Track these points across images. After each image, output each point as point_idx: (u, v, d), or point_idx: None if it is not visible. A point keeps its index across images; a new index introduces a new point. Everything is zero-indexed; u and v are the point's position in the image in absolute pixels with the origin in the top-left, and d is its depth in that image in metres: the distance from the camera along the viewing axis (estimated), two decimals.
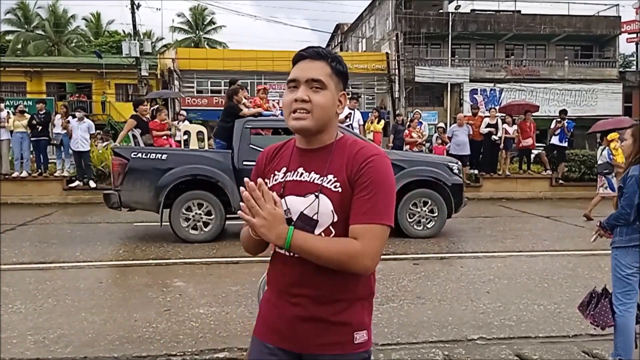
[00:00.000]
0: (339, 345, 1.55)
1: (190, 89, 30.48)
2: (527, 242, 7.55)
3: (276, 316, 1.61)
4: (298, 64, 1.57)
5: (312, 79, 1.53)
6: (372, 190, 1.48)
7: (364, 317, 1.59)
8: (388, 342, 3.87)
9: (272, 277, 1.66)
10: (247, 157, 7.27)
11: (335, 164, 1.53)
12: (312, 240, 1.47)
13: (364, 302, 1.60)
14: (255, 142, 7.50)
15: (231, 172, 7.40)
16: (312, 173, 1.55)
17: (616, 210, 3.30)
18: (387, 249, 7.03)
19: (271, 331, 1.62)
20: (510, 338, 3.98)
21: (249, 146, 7.42)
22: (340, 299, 1.55)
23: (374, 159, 1.51)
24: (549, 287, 5.34)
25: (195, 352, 3.72)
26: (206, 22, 43.14)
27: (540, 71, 31.67)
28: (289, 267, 1.56)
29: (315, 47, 1.59)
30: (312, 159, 1.57)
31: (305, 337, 1.56)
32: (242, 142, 7.47)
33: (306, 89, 1.53)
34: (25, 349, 3.78)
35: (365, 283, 1.59)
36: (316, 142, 1.58)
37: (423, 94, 31.35)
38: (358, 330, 1.57)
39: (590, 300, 3.40)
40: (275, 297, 1.62)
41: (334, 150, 1.56)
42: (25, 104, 14.58)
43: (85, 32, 43.40)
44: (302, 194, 1.53)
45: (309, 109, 1.52)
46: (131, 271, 6.16)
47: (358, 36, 39.87)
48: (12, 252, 6.88)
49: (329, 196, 1.51)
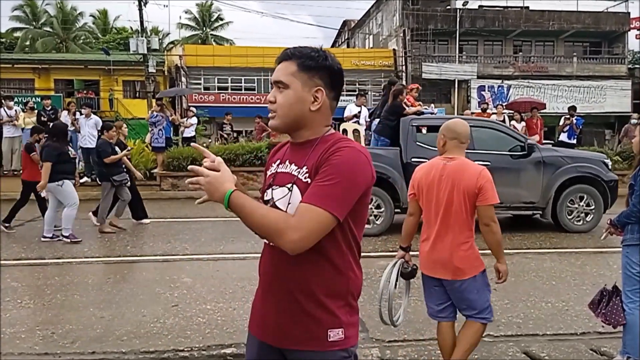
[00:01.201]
0: (313, 341, 1.58)
1: (198, 85, 30.55)
2: (535, 239, 7.50)
3: (261, 309, 1.69)
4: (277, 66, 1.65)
5: (276, 80, 1.61)
6: (329, 178, 1.48)
7: (339, 315, 1.59)
8: (395, 339, 3.87)
9: (259, 270, 1.74)
10: (415, 153, 7.51)
11: (312, 157, 1.58)
12: (253, 204, 1.49)
13: (340, 301, 1.60)
14: (421, 140, 7.76)
15: (400, 169, 7.65)
16: (292, 165, 1.63)
17: (627, 208, 3.27)
18: (394, 246, 7.02)
19: (257, 324, 1.71)
20: (517, 335, 3.97)
21: (415, 143, 7.69)
22: (315, 293, 1.57)
23: (344, 150, 1.52)
24: (556, 284, 5.32)
25: (202, 347, 3.73)
26: (213, 19, 43.14)
27: (548, 67, 31.47)
28: (270, 257, 1.64)
29: (291, 48, 1.64)
30: (298, 152, 1.65)
31: (282, 330, 1.61)
32: (409, 140, 7.71)
33: (275, 91, 1.62)
34: (34, 343, 3.81)
35: (342, 279, 1.60)
36: (299, 138, 1.65)
37: (430, 90, 31.20)
38: (332, 328, 1.58)
39: (601, 298, 3.36)
40: (261, 289, 1.70)
41: (317, 145, 1.60)
42: (34, 101, 14.64)
43: (93, 29, 43.49)
44: (282, 184, 1.62)
45: (275, 109, 1.61)
46: (139, 267, 6.20)
47: (365, 33, 39.76)
48: (21, 248, 6.94)
49: (300, 187, 1.56)
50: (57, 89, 28.41)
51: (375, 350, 3.69)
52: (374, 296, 4.86)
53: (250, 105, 27.84)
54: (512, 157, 7.76)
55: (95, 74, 29.40)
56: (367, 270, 5.70)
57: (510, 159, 7.75)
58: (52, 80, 29.28)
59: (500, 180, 7.79)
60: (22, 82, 28.86)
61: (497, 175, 7.77)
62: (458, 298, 2.99)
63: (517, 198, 7.76)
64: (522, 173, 7.77)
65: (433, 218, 2.95)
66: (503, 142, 7.85)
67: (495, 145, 7.79)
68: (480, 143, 7.49)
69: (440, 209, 2.91)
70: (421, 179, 3.01)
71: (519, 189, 7.74)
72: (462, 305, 3.02)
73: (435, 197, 2.93)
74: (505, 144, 7.84)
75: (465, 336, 3.01)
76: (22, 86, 28.60)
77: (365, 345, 3.76)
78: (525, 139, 8.10)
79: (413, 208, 3.09)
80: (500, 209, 8.03)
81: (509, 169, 7.69)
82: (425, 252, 3.01)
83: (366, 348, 3.71)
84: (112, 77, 29.12)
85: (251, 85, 30.75)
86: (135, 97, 29.63)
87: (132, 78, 29.07)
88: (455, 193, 2.87)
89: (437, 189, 2.93)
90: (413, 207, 3.09)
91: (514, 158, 7.76)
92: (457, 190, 2.87)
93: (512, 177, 7.69)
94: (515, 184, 7.72)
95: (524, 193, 7.75)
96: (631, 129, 13.69)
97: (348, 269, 1.61)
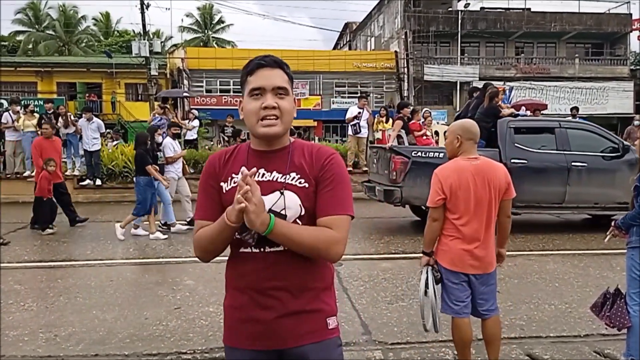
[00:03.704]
0: (315, 332, 1.64)
1: (200, 88, 30.57)
2: (538, 241, 7.49)
3: (246, 318, 1.65)
4: (257, 72, 1.63)
5: (278, 86, 1.62)
6: (336, 185, 1.62)
7: (331, 303, 1.71)
8: (397, 341, 3.86)
9: (235, 279, 1.70)
10: (514, 155, 7.63)
11: (296, 162, 1.64)
12: (294, 227, 1.56)
13: (330, 290, 1.72)
14: (519, 141, 7.80)
15: None
16: (274, 172, 1.63)
17: (632, 210, 3.25)
18: (397, 248, 7.01)
19: (249, 335, 1.65)
20: (521, 338, 3.96)
21: (514, 145, 7.74)
22: (311, 288, 1.65)
23: (334, 157, 1.66)
24: (560, 286, 5.30)
25: (205, 350, 3.73)
26: (215, 22, 43.24)
27: (550, 69, 31.44)
28: (261, 263, 1.62)
29: (271, 56, 1.67)
30: (272, 160, 1.65)
31: (284, 331, 1.62)
32: (508, 141, 7.76)
33: (274, 97, 1.61)
34: (37, 346, 3.81)
35: (328, 271, 1.72)
36: (277, 144, 1.67)
37: (432, 92, 31.26)
38: (330, 316, 1.68)
39: (604, 301, 3.34)
40: (243, 298, 1.66)
41: (292, 151, 1.66)
42: (34, 104, 14.68)
43: (95, 32, 43.65)
44: (265, 193, 1.57)
45: (278, 115, 1.61)
46: (141, 269, 6.20)
47: (367, 35, 39.80)
48: (24, 251, 6.95)
49: (295, 192, 1.61)
50: (60, 92, 28.49)
51: (378, 352, 3.68)
52: (377, 299, 4.86)
53: None
54: (606, 158, 7.81)
55: (98, 77, 29.49)
56: (370, 272, 5.71)
57: (606, 160, 7.80)
58: (54, 84, 29.38)
59: (596, 181, 7.89)
60: (25, 86, 28.98)
61: (594, 177, 7.79)
62: (485, 291, 3.11)
63: (613, 199, 7.76)
64: (618, 174, 7.73)
65: (473, 216, 3.02)
66: (597, 144, 7.91)
67: (590, 146, 7.85)
68: (576, 145, 7.59)
69: (479, 208, 3.02)
70: (452, 182, 3.03)
71: (614, 189, 7.72)
72: (484, 297, 3.12)
73: (473, 197, 3.01)
74: (599, 145, 7.91)
75: (496, 335, 3.19)
76: (24, 89, 28.69)
77: (368, 347, 3.75)
78: (619, 140, 8.16)
79: (439, 213, 3.10)
80: (595, 210, 8.11)
81: (605, 170, 7.77)
82: (459, 249, 3.06)
83: (369, 350, 3.70)
84: (115, 80, 29.20)
85: None
86: (138, 99, 29.70)
87: (135, 81, 29.16)
88: (490, 191, 3.02)
89: (474, 189, 3.01)
90: (439, 212, 3.10)
91: (609, 159, 7.81)
92: (492, 188, 3.03)
93: (608, 178, 7.76)
94: (610, 184, 7.74)
95: (619, 194, 7.62)
96: (634, 130, 13.66)
97: None
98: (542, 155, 7.78)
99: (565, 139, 7.85)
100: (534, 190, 7.58)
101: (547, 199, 7.78)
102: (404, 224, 9.01)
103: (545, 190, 7.70)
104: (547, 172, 7.70)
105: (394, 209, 8.76)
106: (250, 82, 1.63)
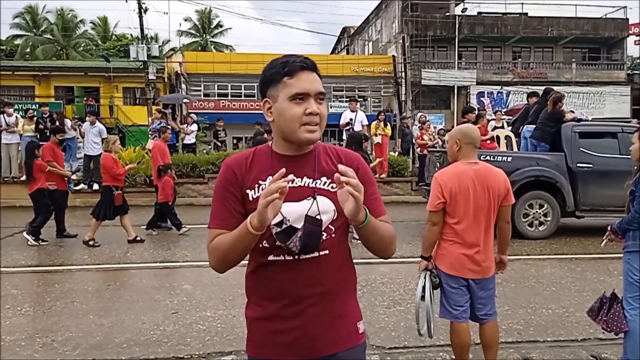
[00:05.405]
0: (349, 338, 1.64)
1: (198, 92, 30.59)
2: (535, 245, 7.50)
3: (279, 328, 1.58)
4: (299, 75, 1.52)
5: (320, 92, 1.55)
6: (375, 188, 1.68)
7: (358, 308, 1.73)
8: (395, 346, 3.86)
9: (264, 288, 1.61)
10: (579, 159, 7.88)
11: (323, 167, 1.62)
12: (376, 220, 1.57)
13: (356, 295, 1.75)
14: (584, 145, 7.98)
15: (566, 174, 7.88)
16: (304, 178, 1.58)
17: (628, 214, 3.26)
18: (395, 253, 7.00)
19: (278, 345, 1.59)
20: (518, 342, 3.96)
21: (579, 149, 7.94)
22: (343, 294, 1.64)
23: (361, 160, 1.69)
24: (557, 290, 5.31)
25: (202, 354, 3.73)
26: (213, 26, 43.29)
27: (547, 74, 31.54)
28: (297, 270, 1.56)
29: (306, 57, 1.58)
30: (299, 164, 1.59)
31: (319, 339, 1.58)
32: (573, 146, 7.96)
33: (315, 103, 1.54)
34: (33, 351, 3.80)
35: (355, 277, 1.74)
36: (306, 149, 1.62)
37: (430, 96, 31.32)
38: (359, 321, 1.70)
39: (601, 305, 3.34)
40: (275, 307, 1.58)
41: (318, 155, 1.63)
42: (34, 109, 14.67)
43: (93, 36, 43.60)
44: (296, 199, 1.53)
45: (318, 122, 1.55)
46: (139, 274, 6.19)
47: (364, 39, 39.90)
48: (21, 255, 6.93)
49: (328, 196, 1.58)
50: (58, 96, 28.43)
51: (375, 357, 3.68)
52: (375, 303, 4.86)
53: (250, 112, 27.84)
54: None
55: (96, 81, 29.44)
56: (368, 277, 5.70)
57: None
58: (52, 88, 29.33)
59: None
60: (23, 89, 28.90)
61: None
62: (483, 296, 3.13)
63: None
64: None
65: (472, 221, 3.03)
66: None
67: None
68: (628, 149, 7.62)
69: (479, 213, 3.03)
70: (453, 186, 3.03)
71: None
72: (483, 302, 3.13)
73: (473, 202, 3.02)
74: None
75: (494, 340, 3.21)
76: (22, 93, 28.64)
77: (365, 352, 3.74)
78: None
79: (439, 217, 3.10)
80: None
81: None
82: (459, 254, 3.07)
83: (367, 355, 3.69)
84: (112, 84, 29.17)
85: (251, 92, 30.78)
86: (136, 104, 29.64)
87: (132, 85, 29.11)
88: (490, 196, 3.03)
89: (474, 194, 3.02)
90: (439, 216, 3.10)
91: None
92: (492, 193, 3.04)
93: None
94: None
95: None
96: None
97: None
98: (607, 159, 7.88)
99: (628, 143, 7.89)
100: (599, 193, 7.79)
101: (612, 203, 7.76)
102: (401, 228, 9.01)
103: (609, 193, 7.70)
104: (611, 176, 7.66)
105: (391, 213, 8.73)
106: (292, 85, 1.51)
